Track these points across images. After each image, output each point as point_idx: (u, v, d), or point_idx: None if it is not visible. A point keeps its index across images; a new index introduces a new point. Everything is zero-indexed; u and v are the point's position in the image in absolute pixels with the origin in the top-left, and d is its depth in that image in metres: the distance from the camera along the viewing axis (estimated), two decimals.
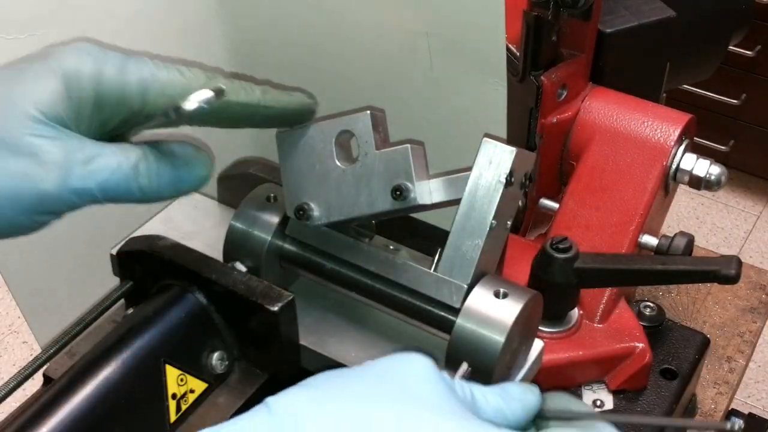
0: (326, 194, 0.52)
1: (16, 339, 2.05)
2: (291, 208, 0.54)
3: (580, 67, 0.83)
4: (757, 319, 0.91)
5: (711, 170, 0.79)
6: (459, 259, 0.50)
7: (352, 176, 0.52)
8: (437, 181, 0.51)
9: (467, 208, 0.50)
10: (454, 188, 0.51)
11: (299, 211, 0.53)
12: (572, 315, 0.76)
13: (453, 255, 0.50)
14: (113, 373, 0.49)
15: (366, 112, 0.51)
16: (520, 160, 0.50)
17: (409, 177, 0.50)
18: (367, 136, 0.51)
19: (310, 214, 0.53)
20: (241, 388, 0.56)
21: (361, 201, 0.52)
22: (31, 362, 0.53)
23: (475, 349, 0.49)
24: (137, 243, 0.56)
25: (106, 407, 0.49)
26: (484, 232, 0.49)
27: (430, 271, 0.51)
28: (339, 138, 0.52)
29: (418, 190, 0.50)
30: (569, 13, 0.80)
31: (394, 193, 0.50)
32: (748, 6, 0.97)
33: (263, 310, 0.52)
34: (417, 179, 0.50)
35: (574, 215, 0.80)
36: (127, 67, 0.46)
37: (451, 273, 0.50)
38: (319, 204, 0.53)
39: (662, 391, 0.77)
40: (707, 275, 0.68)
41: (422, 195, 0.51)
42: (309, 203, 0.53)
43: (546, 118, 0.82)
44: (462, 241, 0.50)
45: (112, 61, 0.46)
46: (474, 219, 0.50)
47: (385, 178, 0.51)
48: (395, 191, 0.50)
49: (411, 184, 0.50)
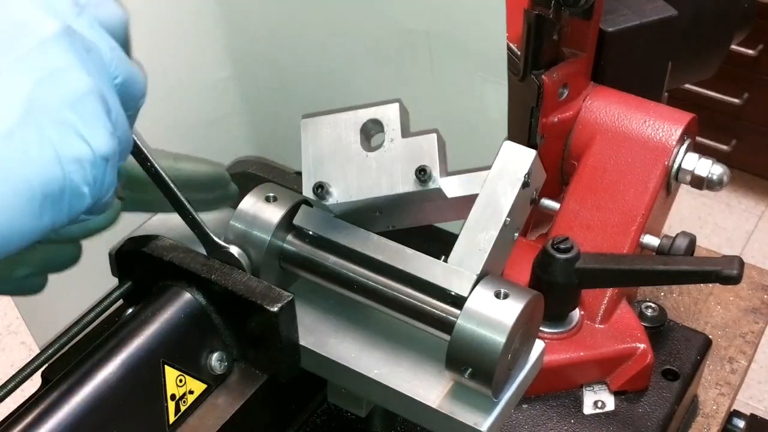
0: (347, 176, 0.53)
1: (15, 339, 2.05)
2: (309, 188, 0.54)
3: (581, 66, 0.83)
4: (760, 320, 0.90)
5: (713, 170, 0.79)
6: (471, 250, 0.51)
7: (376, 161, 0.53)
8: (456, 177, 0.53)
9: (484, 203, 0.51)
10: (472, 184, 0.52)
11: (318, 188, 0.53)
12: (573, 315, 0.76)
13: (465, 246, 0.51)
14: (112, 373, 0.49)
15: (395, 103, 0.54)
16: (537, 165, 0.52)
17: (433, 162, 0.52)
18: (395, 124, 0.53)
19: (328, 191, 0.54)
20: (240, 389, 0.56)
21: (382, 183, 0.53)
22: (29, 363, 0.53)
23: (476, 349, 0.49)
24: (136, 243, 0.56)
25: (104, 408, 0.48)
26: (498, 225, 0.51)
27: (439, 261, 0.52)
28: (365, 126, 0.54)
29: (442, 166, 0.52)
30: (570, 12, 0.80)
31: (418, 173, 0.52)
32: (750, 5, 0.97)
33: (263, 310, 0.51)
34: (442, 159, 0.52)
35: (575, 215, 0.80)
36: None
37: (461, 263, 0.51)
38: (338, 185, 0.54)
39: (664, 391, 0.76)
40: (709, 276, 0.68)
41: (444, 172, 0.53)
42: (328, 183, 0.53)
43: (547, 117, 0.82)
44: (475, 233, 0.51)
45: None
46: (489, 214, 0.51)
47: (408, 161, 0.52)
48: (419, 171, 0.52)
49: (433, 167, 0.52)
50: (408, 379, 0.53)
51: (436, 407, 0.52)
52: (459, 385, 0.52)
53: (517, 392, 0.53)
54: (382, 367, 0.54)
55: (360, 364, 0.54)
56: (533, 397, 0.75)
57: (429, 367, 0.54)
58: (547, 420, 0.74)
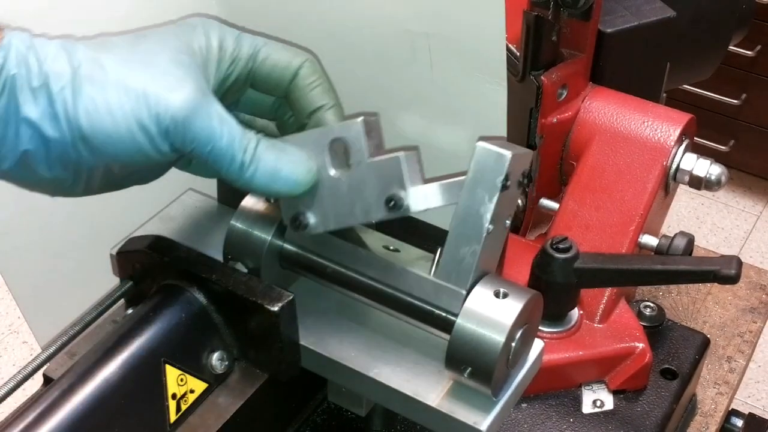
0: (321, 203, 0.52)
1: (16, 339, 2.05)
2: (287, 217, 0.53)
3: (580, 67, 0.83)
4: (758, 319, 0.91)
5: (711, 170, 0.79)
6: (456, 265, 0.50)
7: (347, 185, 0.51)
8: (433, 186, 0.50)
9: (463, 214, 0.49)
10: (449, 193, 0.50)
11: (295, 221, 0.53)
12: (572, 315, 0.76)
13: (450, 261, 0.50)
14: (113, 373, 0.49)
15: (357, 120, 0.50)
16: (516, 161, 0.49)
17: (402, 185, 0.49)
18: (359, 145, 0.50)
19: (306, 222, 0.53)
20: (241, 388, 0.56)
21: (357, 209, 0.51)
22: (31, 362, 0.53)
23: (475, 348, 0.49)
24: (137, 243, 0.56)
25: (106, 407, 0.49)
26: (480, 238, 0.49)
27: (428, 277, 0.51)
28: (332, 145, 0.51)
29: (413, 197, 0.50)
30: (569, 13, 0.80)
31: (388, 204, 0.50)
32: (748, 6, 0.97)
33: (263, 310, 0.52)
34: (411, 185, 0.50)
35: (574, 215, 0.80)
36: (241, 36, 0.52)
37: (449, 279, 0.50)
38: (315, 212, 0.52)
39: (662, 391, 0.77)
40: (707, 275, 0.68)
41: (417, 202, 0.50)
42: (305, 212, 0.52)
43: (546, 118, 0.82)
44: (459, 247, 0.50)
45: (230, 32, 0.51)
46: (470, 225, 0.49)
47: (378, 186, 0.50)
48: (388, 202, 0.50)
49: (404, 192, 0.50)
50: (408, 378, 0.54)
51: (435, 406, 0.52)
52: (458, 384, 0.52)
53: (517, 391, 0.53)
54: (382, 366, 0.54)
55: (360, 363, 0.55)
56: (532, 396, 0.75)
57: (429, 367, 0.54)
58: (547, 419, 0.74)
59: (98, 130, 0.45)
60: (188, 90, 0.46)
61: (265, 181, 0.49)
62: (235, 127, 0.48)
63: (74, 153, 0.46)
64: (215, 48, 0.50)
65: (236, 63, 0.51)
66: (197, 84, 0.47)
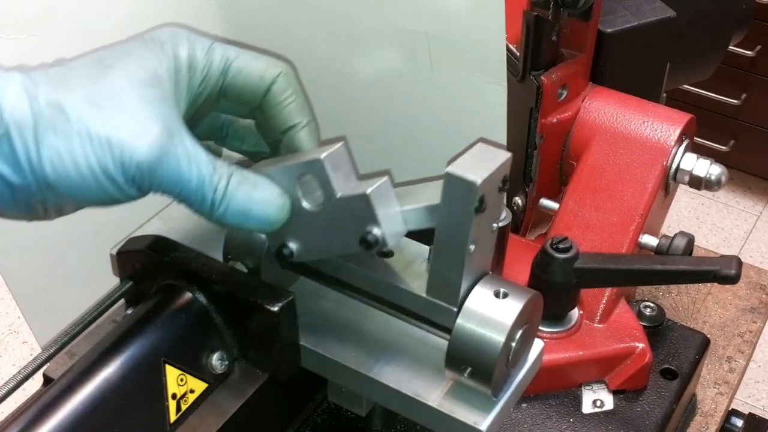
0: (302, 235, 0.51)
1: (16, 339, 2.05)
2: (272, 249, 0.53)
3: (580, 67, 0.83)
4: (758, 319, 0.91)
5: (711, 170, 0.79)
6: (444, 284, 0.50)
7: (322, 219, 0.50)
8: (410, 212, 0.49)
9: (441, 239, 0.48)
10: (427, 218, 0.49)
11: (280, 254, 0.52)
12: (572, 315, 0.76)
13: (438, 280, 0.50)
14: (113, 373, 0.49)
15: (319, 157, 0.48)
16: (490, 182, 0.47)
17: (375, 221, 0.48)
18: (325, 182, 0.49)
19: (291, 253, 0.52)
20: (241, 388, 0.56)
21: (336, 243, 0.50)
22: (31, 362, 0.53)
23: (475, 348, 0.49)
24: (137, 243, 0.56)
25: (106, 407, 0.49)
26: (462, 260, 0.48)
27: (421, 295, 0.51)
28: (302, 179, 0.50)
29: (388, 230, 0.49)
30: (569, 13, 0.80)
31: (362, 243, 0.49)
32: (748, 6, 0.97)
33: (263, 310, 0.52)
34: (384, 219, 0.48)
35: (574, 215, 0.80)
36: (212, 48, 0.50)
37: (439, 296, 0.50)
38: (298, 244, 0.52)
39: (662, 391, 0.77)
40: (707, 275, 0.68)
41: (393, 234, 0.49)
42: (288, 244, 0.52)
43: (546, 118, 0.82)
44: (443, 269, 0.49)
45: (200, 45, 0.49)
46: (450, 249, 0.48)
47: (352, 223, 0.49)
48: (362, 242, 0.49)
49: (378, 229, 0.48)
50: (408, 378, 0.54)
51: (435, 406, 0.52)
52: (459, 384, 0.52)
53: (517, 391, 0.53)
54: (382, 366, 0.54)
55: (360, 363, 0.55)
56: (532, 396, 0.75)
57: (429, 367, 0.54)
58: (547, 419, 0.74)
59: (63, 178, 0.44)
60: (154, 134, 0.45)
61: (237, 219, 0.48)
62: (205, 166, 0.46)
63: (41, 196, 0.45)
64: (184, 69, 0.48)
65: (207, 80, 0.49)
66: (164, 124, 0.45)
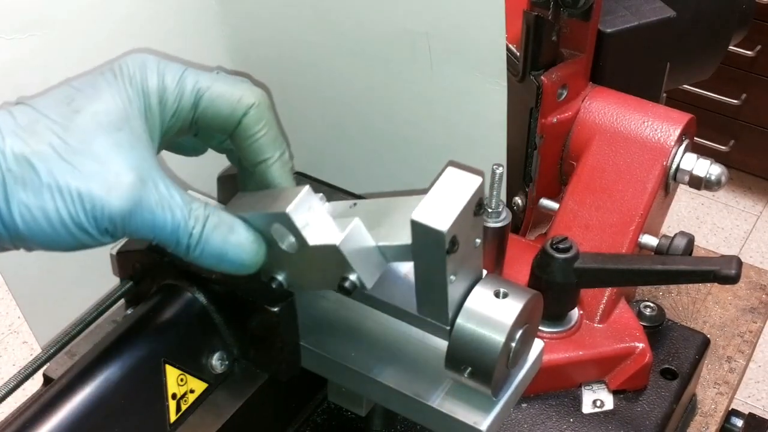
0: (287, 271, 0.51)
1: (16, 339, 2.05)
2: (264, 279, 0.52)
3: (580, 67, 0.83)
4: (758, 319, 0.91)
5: (711, 170, 0.79)
6: (432, 306, 0.50)
7: (301, 261, 0.50)
8: (388, 248, 0.49)
9: (420, 273, 0.48)
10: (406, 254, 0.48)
11: (271, 284, 0.52)
12: (572, 315, 0.76)
13: (426, 302, 0.50)
14: (113, 373, 0.49)
15: (284, 211, 0.47)
16: (460, 221, 0.45)
17: (349, 269, 0.48)
18: (295, 233, 0.48)
19: (281, 284, 0.52)
20: (241, 388, 0.56)
21: (319, 281, 0.51)
22: (31, 362, 0.53)
23: (475, 348, 0.49)
24: (137, 243, 0.56)
25: (106, 407, 0.49)
26: (444, 290, 0.48)
27: (414, 314, 0.51)
28: (275, 226, 0.49)
29: (364, 274, 0.48)
30: (569, 13, 0.80)
31: (340, 290, 0.49)
32: (748, 6, 0.97)
33: (263, 310, 0.52)
34: (358, 264, 0.48)
35: (574, 215, 0.80)
36: (183, 77, 0.48)
37: (430, 315, 0.50)
38: (285, 277, 0.51)
39: (662, 391, 0.77)
40: (707, 275, 0.68)
41: (370, 276, 0.49)
42: (276, 277, 0.51)
43: (546, 118, 0.82)
44: (428, 294, 0.49)
45: (170, 74, 0.48)
46: (431, 281, 0.48)
47: (330, 265, 0.49)
48: (340, 288, 0.49)
49: (354, 275, 0.48)
50: (408, 378, 0.54)
51: (435, 406, 0.52)
52: (459, 384, 0.52)
53: (517, 391, 0.53)
54: (382, 366, 0.54)
55: (360, 363, 0.55)
56: (532, 396, 0.75)
57: (429, 367, 0.54)
58: (547, 419, 0.74)
59: (35, 231, 0.44)
60: (126, 184, 0.44)
61: (212, 262, 0.48)
62: (180, 211, 0.46)
63: (13, 245, 0.45)
64: (155, 104, 0.47)
65: (179, 113, 0.48)
66: (137, 172, 0.45)
